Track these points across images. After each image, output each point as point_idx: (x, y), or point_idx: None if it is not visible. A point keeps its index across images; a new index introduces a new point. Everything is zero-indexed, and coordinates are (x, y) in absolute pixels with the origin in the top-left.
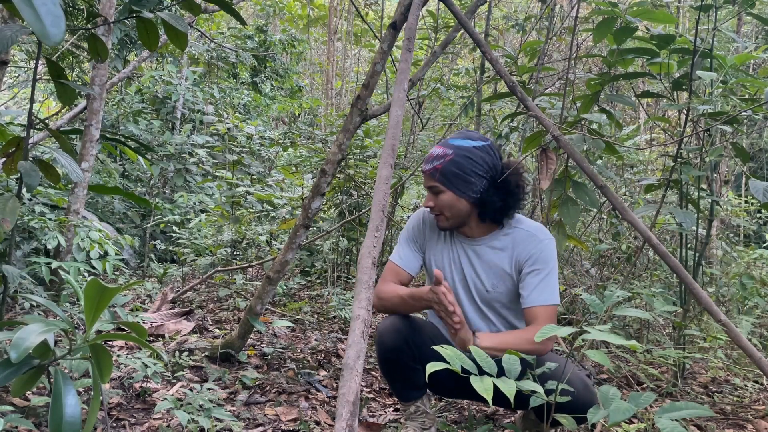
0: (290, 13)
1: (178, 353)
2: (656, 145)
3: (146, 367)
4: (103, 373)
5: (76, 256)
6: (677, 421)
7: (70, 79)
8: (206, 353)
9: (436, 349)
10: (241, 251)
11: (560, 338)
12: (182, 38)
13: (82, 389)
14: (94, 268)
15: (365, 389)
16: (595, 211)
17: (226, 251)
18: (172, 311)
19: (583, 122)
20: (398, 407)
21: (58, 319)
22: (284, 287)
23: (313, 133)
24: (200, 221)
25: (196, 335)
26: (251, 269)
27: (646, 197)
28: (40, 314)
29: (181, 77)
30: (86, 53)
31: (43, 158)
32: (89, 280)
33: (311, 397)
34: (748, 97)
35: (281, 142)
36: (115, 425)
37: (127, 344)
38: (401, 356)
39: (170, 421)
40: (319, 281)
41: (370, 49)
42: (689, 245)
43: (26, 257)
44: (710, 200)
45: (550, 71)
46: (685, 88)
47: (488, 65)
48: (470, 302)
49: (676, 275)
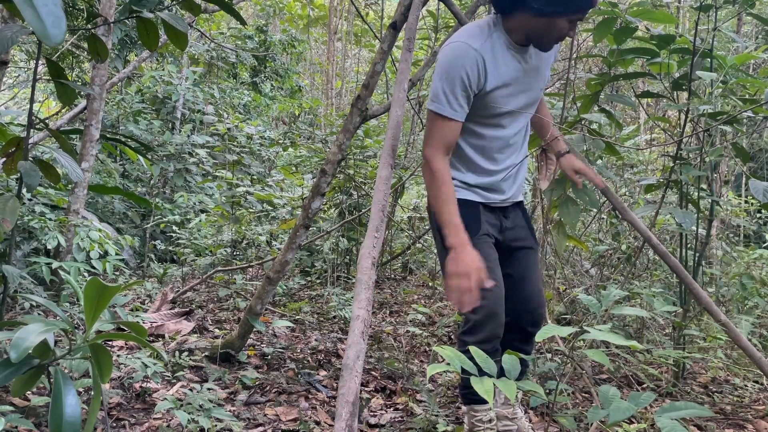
0: (290, 13)
1: (178, 353)
2: (656, 145)
3: (146, 367)
4: (103, 373)
5: (76, 256)
6: (677, 421)
7: (70, 79)
8: (206, 353)
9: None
10: (241, 251)
11: (559, 338)
12: (182, 38)
13: (82, 389)
14: (94, 268)
15: (365, 389)
16: (595, 211)
17: (226, 251)
18: (172, 311)
19: (583, 122)
20: (398, 407)
21: (58, 319)
22: (284, 287)
23: (313, 133)
24: (200, 221)
25: (196, 335)
26: (251, 269)
27: (646, 197)
28: (40, 314)
29: (181, 77)
30: (86, 53)
31: (43, 158)
32: (89, 279)
33: (311, 397)
34: (748, 97)
35: (281, 142)
36: (115, 425)
37: (127, 344)
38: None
39: (170, 421)
40: (319, 281)
41: (370, 49)
42: (689, 245)
43: (26, 257)
44: (710, 200)
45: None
46: (685, 88)
47: None
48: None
49: (676, 275)
